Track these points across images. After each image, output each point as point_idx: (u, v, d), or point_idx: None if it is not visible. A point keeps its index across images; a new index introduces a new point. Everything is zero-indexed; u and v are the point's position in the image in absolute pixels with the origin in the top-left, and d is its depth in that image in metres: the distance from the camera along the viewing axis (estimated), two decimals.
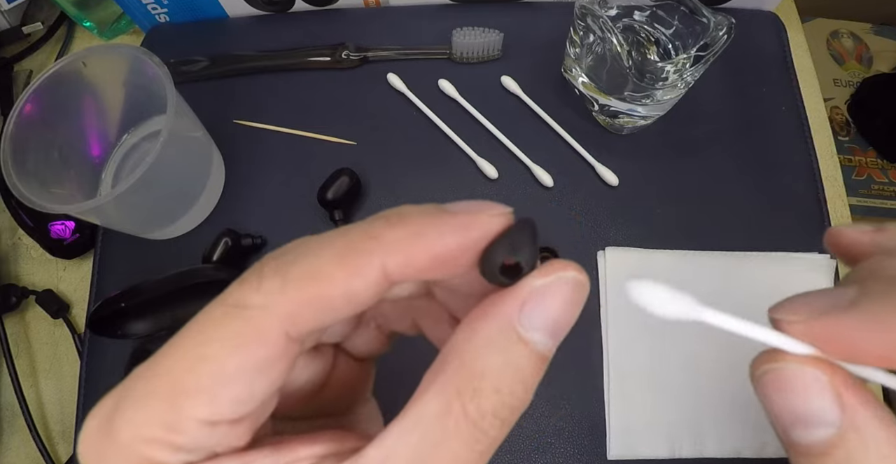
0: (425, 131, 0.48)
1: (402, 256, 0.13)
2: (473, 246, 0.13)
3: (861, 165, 0.94)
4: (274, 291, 0.12)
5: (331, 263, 0.12)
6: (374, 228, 0.13)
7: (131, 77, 0.42)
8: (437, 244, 0.13)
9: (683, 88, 0.41)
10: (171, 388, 0.12)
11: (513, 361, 0.12)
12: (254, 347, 0.12)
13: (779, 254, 0.43)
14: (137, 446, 0.11)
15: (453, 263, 0.13)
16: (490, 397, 0.12)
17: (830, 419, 0.13)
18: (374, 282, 0.13)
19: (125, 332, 0.40)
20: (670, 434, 0.39)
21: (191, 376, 0.12)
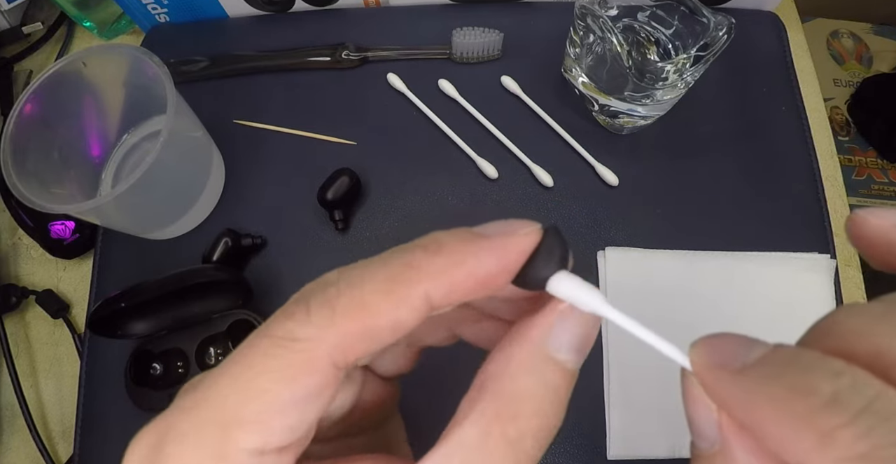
0: (425, 131, 0.48)
1: (445, 284, 0.13)
2: (511, 266, 0.14)
3: (861, 165, 0.94)
4: (323, 323, 0.13)
5: (376, 294, 0.13)
6: (415, 259, 0.13)
7: (131, 77, 0.42)
8: (478, 270, 0.13)
9: (683, 88, 0.41)
10: (222, 419, 0.12)
11: (547, 382, 0.13)
12: (306, 378, 0.12)
13: (779, 254, 0.43)
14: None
15: (493, 284, 0.14)
16: (529, 419, 0.13)
17: (710, 438, 0.14)
18: (418, 310, 0.13)
19: (125, 332, 0.40)
20: (670, 434, 0.39)
21: (244, 407, 0.12)
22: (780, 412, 0.12)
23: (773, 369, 0.12)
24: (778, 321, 0.40)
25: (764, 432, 0.12)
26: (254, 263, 0.45)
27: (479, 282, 0.13)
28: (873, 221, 0.14)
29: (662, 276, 0.42)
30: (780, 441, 0.12)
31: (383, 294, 0.13)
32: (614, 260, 0.43)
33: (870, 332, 0.12)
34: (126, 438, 0.13)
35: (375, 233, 0.45)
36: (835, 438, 0.11)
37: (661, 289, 0.42)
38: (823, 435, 0.11)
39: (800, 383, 0.12)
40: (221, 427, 0.12)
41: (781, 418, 0.12)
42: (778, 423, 0.12)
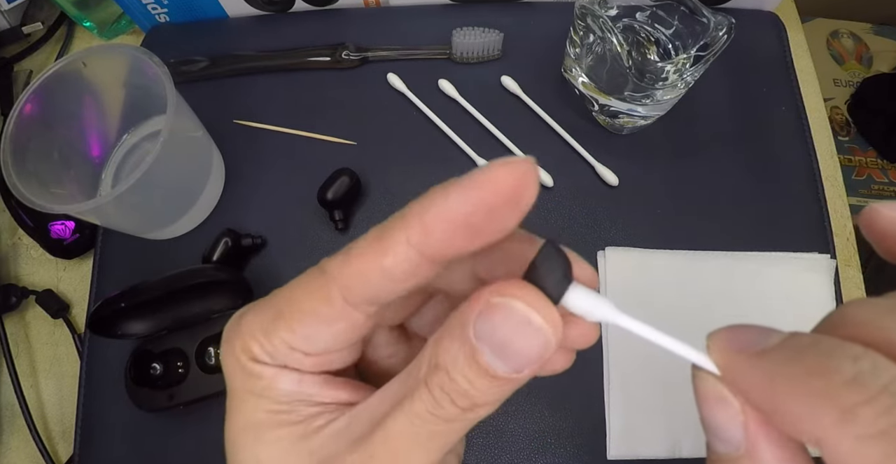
0: (425, 131, 0.48)
1: (419, 227, 0.14)
2: (487, 206, 0.13)
3: (861, 165, 0.94)
4: (338, 264, 0.15)
5: (370, 241, 0.15)
6: (405, 208, 0.14)
7: (131, 77, 0.42)
8: (445, 209, 0.13)
9: (683, 88, 0.41)
10: (274, 310, 0.16)
11: (461, 356, 0.14)
12: (320, 302, 0.15)
13: (779, 254, 0.43)
14: (246, 337, 0.16)
15: (476, 230, 0.14)
16: (440, 374, 0.14)
17: (734, 441, 0.14)
18: (402, 256, 0.14)
19: (125, 332, 0.40)
20: (670, 434, 0.39)
21: (284, 308, 0.16)
22: (802, 390, 0.12)
23: (793, 351, 0.13)
24: (778, 321, 0.40)
25: (784, 411, 0.12)
26: (254, 263, 0.45)
27: (450, 223, 0.13)
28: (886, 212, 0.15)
29: (662, 276, 0.42)
30: (800, 419, 0.12)
31: (374, 241, 0.14)
32: (614, 260, 0.43)
33: (881, 323, 0.13)
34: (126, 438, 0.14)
35: None
36: (856, 414, 0.11)
37: (661, 289, 0.42)
38: (844, 411, 0.11)
39: (821, 363, 0.12)
40: (273, 317, 0.16)
41: (802, 396, 0.12)
42: (798, 401, 0.12)
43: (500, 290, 0.13)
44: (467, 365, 0.13)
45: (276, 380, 0.16)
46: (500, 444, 0.39)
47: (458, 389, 0.14)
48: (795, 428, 0.12)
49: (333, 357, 0.17)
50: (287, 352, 0.16)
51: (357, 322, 0.15)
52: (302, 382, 0.16)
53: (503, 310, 0.13)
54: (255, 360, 0.16)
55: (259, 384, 0.16)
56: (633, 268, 0.43)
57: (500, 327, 0.13)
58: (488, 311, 0.13)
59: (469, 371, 0.14)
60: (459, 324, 0.14)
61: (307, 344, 0.16)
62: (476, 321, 0.13)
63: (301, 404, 0.16)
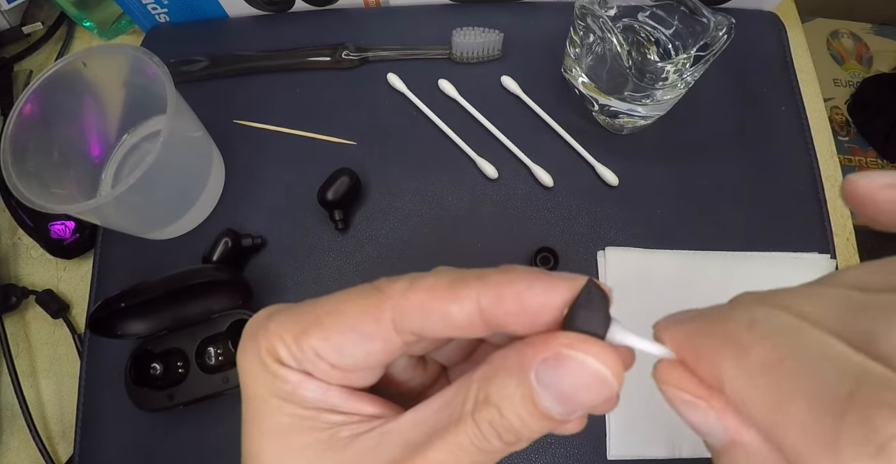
0: (425, 131, 0.48)
1: (495, 294, 0.15)
2: (554, 304, 0.15)
3: (861, 165, 0.94)
4: (400, 288, 0.16)
5: (444, 284, 0.16)
6: (485, 272, 0.16)
7: (131, 77, 0.42)
8: (525, 292, 0.15)
9: (683, 88, 0.41)
10: (311, 317, 0.16)
11: (516, 397, 0.14)
12: (370, 319, 0.16)
13: (779, 254, 0.43)
14: (273, 339, 0.16)
15: (535, 317, 0.15)
16: (491, 410, 0.14)
17: (717, 434, 0.14)
18: (469, 310, 0.15)
19: (125, 332, 0.40)
20: (670, 434, 0.39)
21: (325, 316, 0.16)
22: (707, 341, 0.14)
23: (707, 311, 0.15)
24: None
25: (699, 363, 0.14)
26: (254, 263, 0.45)
27: (522, 305, 0.15)
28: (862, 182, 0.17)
29: (662, 276, 0.42)
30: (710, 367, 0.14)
31: (446, 286, 0.15)
32: (614, 260, 0.43)
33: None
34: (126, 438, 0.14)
35: (375, 233, 0.45)
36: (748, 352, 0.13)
37: (661, 289, 0.42)
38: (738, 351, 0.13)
39: (722, 315, 0.14)
40: (308, 322, 0.16)
41: (708, 346, 0.14)
42: (707, 351, 0.14)
43: (570, 343, 0.14)
44: (523, 406, 0.14)
45: (300, 386, 0.16)
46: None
47: (509, 425, 0.14)
48: (709, 377, 0.14)
49: (355, 376, 0.17)
50: (314, 360, 0.16)
51: (394, 347, 0.16)
52: (327, 392, 0.16)
53: (574, 364, 0.14)
54: (281, 363, 0.16)
55: (284, 388, 0.16)
56: (633, 268, 0.43)
57: (568, 379, 0.14)
58: (557, 361, 0.14)
59: (524, 411, 0.14)
60: (518, 366, 0.14)
61: (337, 356, 0.16)
62: (540, 368, 0.14)
63: (325, 412, 0.16)
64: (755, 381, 0.12)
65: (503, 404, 0.14)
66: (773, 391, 0.12)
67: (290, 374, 0.16)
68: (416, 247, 0.44)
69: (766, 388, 0.12)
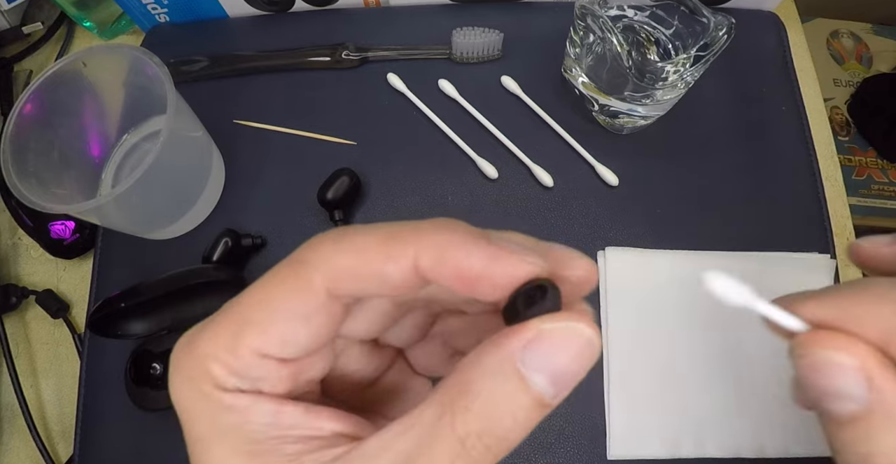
0: (425, 131, 0.48)
1: (432, 256, 0.14)
2: (493, 277, 0.14)
3: (861, 165, 0.94)
4: (326, 253, 0.14)
5: (375, 242, 0.14)
6: (422, 226, 0.14)
7: (131, 77, 0.42)
8: (464, 260, 0.14)
9: (683, 88, 0.41)
10: (238, 318, 0.14)
11: (506, 393, 0.13)
12: (301, 295, 0.14)
13: (779, 254, 0.43)
14: (205, 361, 0.14)
15: (476, 285, 0.14)
16: (477, 419, 0.13)
17: (857, 396, 0.14)
18: (405, 269, 0.14)
19: (125, 332, 0.40)
20: (670, 434, 0.39)
21: (252, 310, 0.14)
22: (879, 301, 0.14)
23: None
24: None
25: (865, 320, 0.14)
26: (254, 263, 0.45)
27: (460, 272, 0.14)
28: (865, 245, 0.18)
29: (662, 276, 0.42)
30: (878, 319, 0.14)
31: (379, 243, 0.14)
32: (614, 260, 0.43)
33: None
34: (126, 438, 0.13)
35: None
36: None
37: (661, 289, 0.42)
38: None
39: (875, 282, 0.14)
40: (236, 324, 0.14)
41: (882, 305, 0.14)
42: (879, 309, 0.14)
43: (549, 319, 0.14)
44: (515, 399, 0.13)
45: (249, 412, 0.14)
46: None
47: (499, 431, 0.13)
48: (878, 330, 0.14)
49: (307, 364, 0.15)
50: (258, 363, 0.14)
51: (336, 315, 0.15)
52: (280, 413, 0.14)
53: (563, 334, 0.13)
54: (222, 387, 0.14)
55: (229, 420, 0.14)
56: (633, 268, 0.43)
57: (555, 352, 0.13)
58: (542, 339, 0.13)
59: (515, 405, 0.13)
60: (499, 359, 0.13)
61: (282, 347, 0.14)
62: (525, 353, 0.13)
63: (281, 441, 0.14)
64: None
65: (493, 407, 0.13)
66: None
67: (235, 399, 0.14)
68: None
69: None
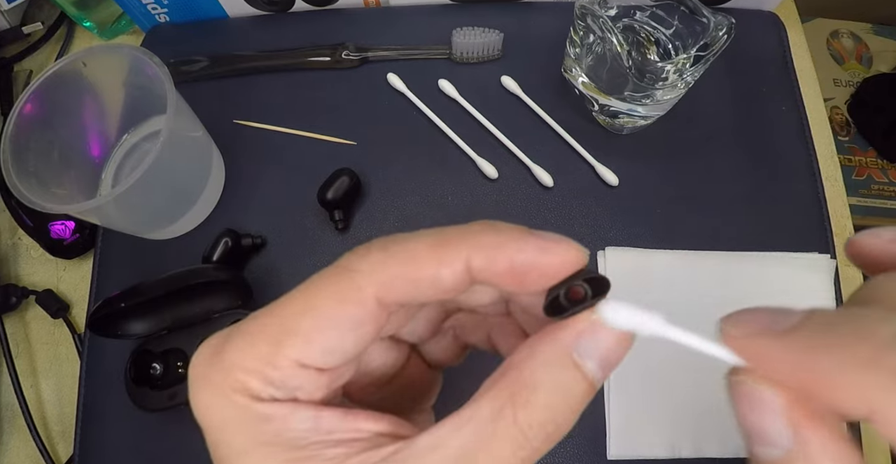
0: (425, 131, 0.48)
1: (485, 256, 0.14)
2: (545, 267, 0.15)
3: (861, 165, 0.94)
4: (376, 261, 0.14)
5: (426, 248, 0.14)
6: (470, 230, 0.15)
7: (131, 77, 0.42)
8: (517, 255, 0.14)
9: (683, 88, 0.41)
10: (278, 328, 0.14)
11: (565, 381, 0.14)
12: (352, 305, 0.14)
13: (779, 254, 0.43)
14: (237, 373, 0.14)
15: (526, 279, 0.15)
16: (539, 409, 0.14)
17: (781, 443, 0.13)
18: (458, 272, 0.14)
19: (125, 332, 0.40)
20: (670, 434, 0.39)
21: (296, 319, 0.14)
22: (844, 359, 0.12)
23: (823, 324, 0.13)
24: None
25: (827, 386, 0.12)
26: (254, 263, 0.45)
27: (513, 267, 0.14)
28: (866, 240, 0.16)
29: (662, 276, 0.42)
30: (848, 391, 0.12)
31: (431, 249, 0.14)
32: (614, 260, 0.43)
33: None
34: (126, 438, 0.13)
35: (375, 233, 0.45)
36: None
37: (661, 289, 0.42)
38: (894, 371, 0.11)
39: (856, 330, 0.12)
40: (275, 335, 0.14)
41: (847, 366, 0.12)
42: (843, 371, 0.12)
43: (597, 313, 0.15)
44: (573, 385, 0.14)
45: (289, 420, 0.14)
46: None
47: (559, 419, 0.14)
48: (844, 402, 0.12)
49: (342, 371, 0.15)
50: (297, 373, 0.14)
51: (381, 323, 0.15)
52: (319, 418, 0.14)
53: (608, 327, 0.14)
54: (258, 398, 0.14)
55: (269, 430, 0.14)
56: (633, 268, 0.43)
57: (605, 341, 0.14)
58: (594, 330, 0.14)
59: (572, 393, 0.14)
60: (555, 354, 0.14)
61: (325, 357, 0.14)
62: (579, 342, 0.14)
63: (323, 446, 0.14)
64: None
65: (553, 396, 0.14)
66: None
67: (271, 408, 0.14)
68: None
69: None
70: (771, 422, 0.13)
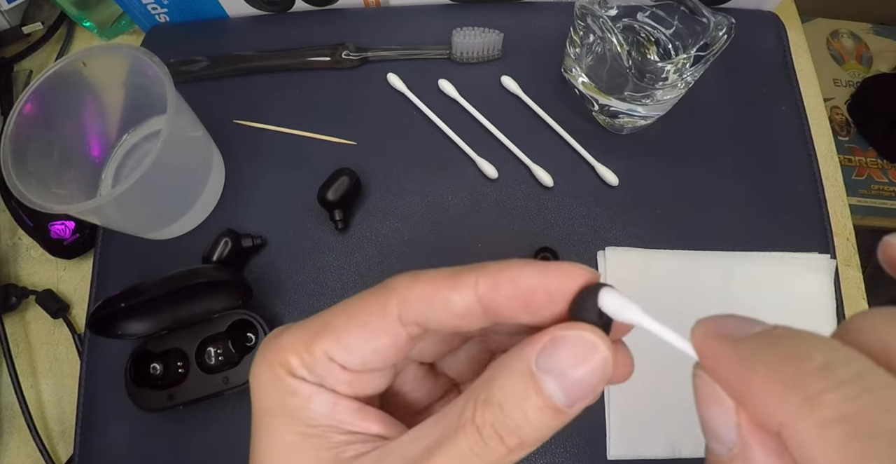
0: (425, 131, 0.48)
1: (491, 279, 0.16)
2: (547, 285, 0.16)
3: (861, 165, 0.94)
4: (406, 282, 0.16)
5: (445, 276, 0.16)
6: (485, 263, 0.16)
7: (131, 77, 0.42)
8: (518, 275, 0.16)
9: (683, 88, 0.41)
10: (321, 324, 0.17)
11: (519, 390, 0.15)
12: (376, 314, 0.16)
13: (779, 254, 0.43)
14: (283, 351, 0.17)
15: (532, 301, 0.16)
16: (493, 410, 0.15)
17: (728, 441, 0.14)
18: (467, 297, 0.16)
19: (125, 332, 0.40)
20: (670, 434, 0.39)
21: (335, 318, 0.17)
22: (772, 376, 0.12)
23: (771, 339, 0.13)
24: (778, 321, 0.40)
25: (753, 396, 0.13)
26: (254, 263, 0.45)
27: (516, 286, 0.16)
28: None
29: (662, 276, 0.42)
30: (767, 405, 0.12)
31: (447, 276, 0.16)
32: (614, 260, 0.43)
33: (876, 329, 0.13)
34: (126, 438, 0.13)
35: (375, 233, 0.45)
36: (821, 400, 0.11)
37: (661, 289, 0.42)
38: (810, 398, 0.11)
39: (794, 351, 0.12)
40: (317, 328, 0.17)
41: (772, 382, 0.12)
42: (768, 386, 0.12)
43: (565, 326, 0.15)
44: (526, 397, 0.14)
45: (311, 400, 0.16)
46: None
47: (512, 424, 0.14)
48: (763, 414, 0.13)
49: (367, 379, 0.17)
50: (325, 364, 0.16)
51: (400, 341, 0.17)
52: (336, 405, 0.17)
53: (573, 341, 0.15)
54: (293, 374, 0.16)
55: (293, 403, 0.16)
56: (633, 268, 0.43)
57: (565, 357, 0.15)
58: (554, 343, 0.15)
59: (527, 403, 0.14)
60: (519, 359, 0.15)
61: (347, 356, 0.16)
62: (540, 355, 0.15)
63: (332, 430, 0.16)
64: (825, 433, 0.11)
65: (506, 401, 0.14)
66: (848, 450, 0.11)
67: (301, 386, 0.16)
68: (416, 247, 0.44)
69: (839, 443, 0.11)
70: (719, 419, 0.14)
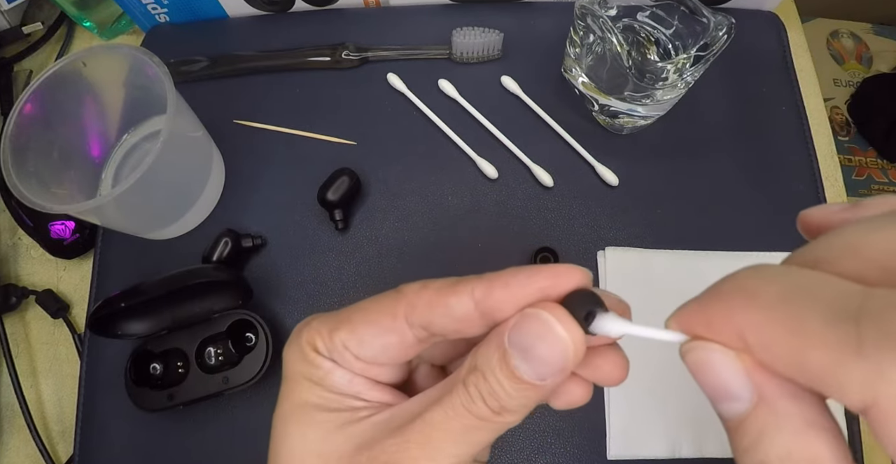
0: (425, 131, 0.48)
1: (485, 286, 0.17)
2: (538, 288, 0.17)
3: (861, 165, 0.95)
4: (416, 288, 0.18)
5: (449, 283, 0.18)
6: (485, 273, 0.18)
7: (131, 77, 0.42)
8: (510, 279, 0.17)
9: (683, 88, 0.41)
10: (345, 315, 0.19)
11: (494, 358, 0.17)
12: (387, 313, 0.18)
13: (779, 254, 0.43)
14: (313, 332, 0.19)
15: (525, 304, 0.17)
16: (476, 374, 0.17)
17: (743, 395, 0.14)
18: (465, 303, 0.17)
19: (125, 332, 0.40)
20: (670, 434, 0.39)
21: (355, 313, 0.19)
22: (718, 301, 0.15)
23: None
24: None
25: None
26: (254, 263, 0.45)
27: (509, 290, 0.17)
28: (815, 212, 0.18)
29: (662, 276, 0.42)
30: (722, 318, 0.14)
31: (450, 284, 0.18)
32: (614, 260, 0.43)
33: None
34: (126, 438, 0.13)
35: (375, 233, 0.45)
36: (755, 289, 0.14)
37: (661, 289, 0.42)
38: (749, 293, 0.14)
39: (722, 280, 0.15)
40: (339, 319, 0.19)
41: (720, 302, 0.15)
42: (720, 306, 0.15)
43: (533, 305, 0.17)
44: (498, 367, 0.17)
45: (331, 373, 0.19)
46: (501, 444, 0.39)
47: (490, 389, 0.17)
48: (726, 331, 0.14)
49: (378, 370, 0.20)
50: (341, 351, 0.19)
51: (406, 341, 0.18)
52: (353, 380, 0.19)
53: (532, 318, 0.16)
54: (317, 352, 0.19)
55: (317, 373, 0.19)
56: (633, 268, 0.43)
57: (526, 334, 0.16)
58: (521, 320, 0.17)
59: (500, 373, 0.16)
60: (497, 334, 0.17)
61: (358, 347, 0.19)
62: (510, 331, 0.17)
63: (349, 398, 0.19)
64: (772, 314, 0.13)
65: (485, 369, 0.17)
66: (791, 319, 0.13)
67: (323, 361, 0.19)
68: (416, 247, 0.44)
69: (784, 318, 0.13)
70: (726, 374, 0.14)
